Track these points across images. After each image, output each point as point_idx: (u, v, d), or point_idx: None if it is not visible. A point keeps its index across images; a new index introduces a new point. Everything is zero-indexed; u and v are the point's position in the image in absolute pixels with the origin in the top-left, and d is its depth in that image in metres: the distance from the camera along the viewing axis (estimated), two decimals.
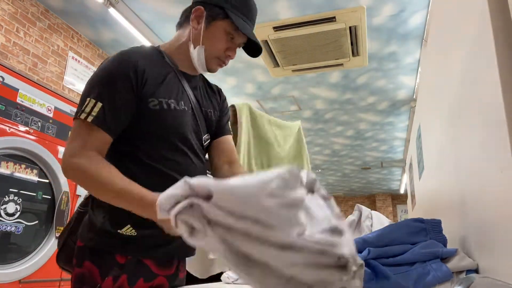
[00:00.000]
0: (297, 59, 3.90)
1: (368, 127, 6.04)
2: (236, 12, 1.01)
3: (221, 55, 1.05)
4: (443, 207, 1.19)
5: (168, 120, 0.97)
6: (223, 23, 1.01)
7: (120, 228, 0.93)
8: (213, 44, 1.02)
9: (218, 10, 1.00)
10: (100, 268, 0.92)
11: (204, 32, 1.01)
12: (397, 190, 11.22)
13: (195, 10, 1.02)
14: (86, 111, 0.89)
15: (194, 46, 1.02)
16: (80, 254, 0.95)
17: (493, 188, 0.65)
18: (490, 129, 0.65)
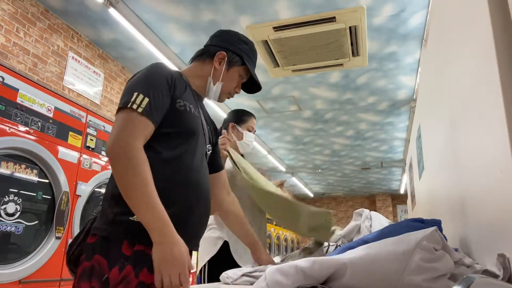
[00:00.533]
0: (297, 59, 3.90)
1: (368, 127, 6.04)
2: (249, 61, 1.31)
3: (232, 91, 1.33)
4: (443, 207, 1.19)
5: (188, 121, 1.14)
6: (239, 69, 1.30)
7: (131, 215, 1.00)
8: (229, 83, 1.29)
9: (237, 58, 1.28)
10: (108, 260, 0.99)
11: (224, 73, 1.27)
12: (397, 190, 11.21)
13: (219, 53, 1.26)
14: (136, 103, 1.02)
15: (213, 81, 1.27)
16: (91, 249, 1.02)
17: (493, 188, 0.64)
18: (490, 129, 0.65)
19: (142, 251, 1.00)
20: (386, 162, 8.07)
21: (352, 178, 9.76)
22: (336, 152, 7.42)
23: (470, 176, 0.81)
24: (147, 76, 1.09)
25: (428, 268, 0.50)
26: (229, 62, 1.27)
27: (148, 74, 1.10)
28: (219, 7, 3.18)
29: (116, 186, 1.01)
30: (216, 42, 1.31)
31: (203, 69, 1.28)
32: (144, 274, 0.99)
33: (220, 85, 1.27)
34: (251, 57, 1.33)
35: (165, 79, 1.10)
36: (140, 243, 1.00)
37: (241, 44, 1.31)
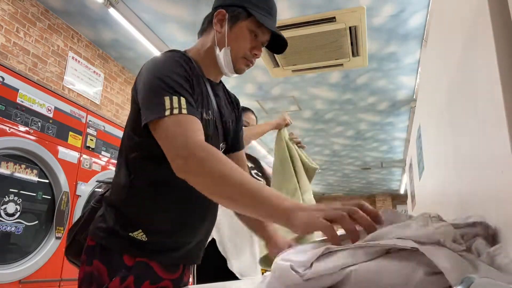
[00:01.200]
0: (297, 59, 3.90)
1: (368, 127, 6.04)
2: (257, 9, 1.02)
3: (248, 54, 1.05)
4: (443, 207, 1.19)
5: None
6: (246, 22, 1.02)
7: (131, 232, 0.95)
8: (238, 44, 1.03)
9: (240, 10, 1.02)
10: (108, 268, 0.93)
11: (228, 34, 1.02)
12: (397, 190, 11.22)
13: (217, 13, 1.04)
14: (176, 107, 0.85)
15: (219, 48, 1.04)
16: (90, 253, 0.97)
17: (493, 189, 0.64)
18: (490, 129, 0.65)
19: (144, 262, 0.96)
20: (386, 162, 8.07)
21: (352, 178, 9.76)
22: (336, 152, 7.42)
23: (470, 176, 0.81)
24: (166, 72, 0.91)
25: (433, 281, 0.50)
26: (231, 19, 1.02)
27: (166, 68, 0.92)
28: None
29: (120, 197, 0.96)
30: (215, 4, 1.10)
31: (206, 40, 1.07)
32: (146, 286, 0.95)
33: (227, 50, 1.02)
34: (260, 4, 1.03)
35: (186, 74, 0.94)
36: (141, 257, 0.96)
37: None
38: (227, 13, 1.03)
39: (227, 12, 1.03)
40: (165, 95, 0.86)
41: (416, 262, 0.52)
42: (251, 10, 1.01)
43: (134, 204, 0.97)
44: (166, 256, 1.00)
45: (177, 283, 1.04)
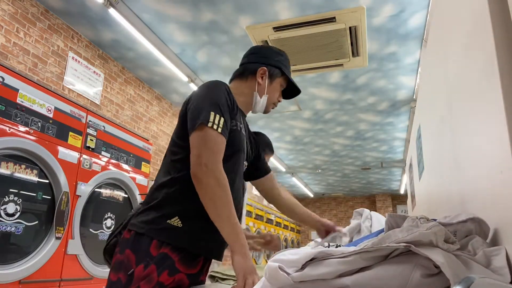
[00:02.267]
0: (297, 60, 3.90)
1: (368, 128, 6.04)
2: (286, 70, 1.38)
3: (276, 101, 1.40)
4: (443, 208, 1.18)
5: (238, 139, 1.23)
6: (280, 79, 1.37)
7: (169, 219, 1.12)
8: (273, 94, 1.37)
9: (277, 70, 1.36)
10: (136, 256, 1.09)
11: (268, 86, 1.35)
12: (397, 190, 11.21)
13: (260, 69, 1.34)
14: (216, 123, 1.11)
15: (259, 95, 1.35)
16: (124, 243, 1.13)
17: (493, 189, 0.64)
18: (490, 129, 0.65)
19: (166, 254, 1.10)
20: (386, 162, 8.07)
21: (352, 178, 9.76)
22: (336, 152, 7.42)
23: (470, 177, 0.81)
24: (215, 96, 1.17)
25: (430, 283, 0.50)
26: (270, 76, 1.35)
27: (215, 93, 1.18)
28: (219, 7, 3.18)
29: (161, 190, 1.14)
30: (254, 59, 1.39)
31: (247, 86, 1.35)
32: (164, 276, 1.08)
33: (265, 98, 1.35)
34: (287, 66, 1.41)
35: (226, 100, 1.19)
36: (167, 245, 1.10)
37: (277, 57, 1.39)
38: (267, 71, 1.35)
39: (267, 70, 1.35)
40: (212, 111, 1.12)
41: (413, 265, 0.52)
42: (284, 72, 1.37)
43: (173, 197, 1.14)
44: (193, 244, 1.14)
45: (193, 278, 1.17)
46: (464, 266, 0.53)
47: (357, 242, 0.93)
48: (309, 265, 0.58)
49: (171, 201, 1.14)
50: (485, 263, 0.55)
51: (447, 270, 0.47)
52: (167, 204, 1.14)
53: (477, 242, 0.61)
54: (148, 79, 4.62)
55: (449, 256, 0.52)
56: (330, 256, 0.58)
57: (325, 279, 0.56)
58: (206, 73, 4.35)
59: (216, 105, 1.14)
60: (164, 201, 1.14)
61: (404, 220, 0.66)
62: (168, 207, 1.13)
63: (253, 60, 1.38)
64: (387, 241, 0.57)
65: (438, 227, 0.55)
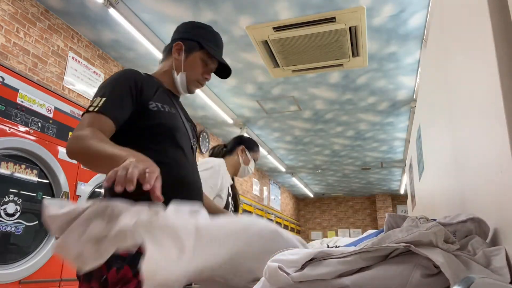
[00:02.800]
0: (297, 60, 3.90)
1: (368, 128, 6.04)
2: (208, 43, 1.30)
3: (200, 78, 1.32)
4: (443, 208, 1.19)
5: (165, 119, 1.18)
6: (199, 53, 1.29)
7: None
8: (193, 71, 1.30)
9: (194, 43, 1.29)
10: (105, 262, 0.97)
11: (184, 61, 1.29)
12: (397, 190, 11.21)
13: (175, 44, 1.29)
14: (93, 106, 1.08)
15: (177, 72, 1.29)
16: None
17: (493, 189, 0.64)
18: (490, 129, 0.65)
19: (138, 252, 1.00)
20: (386, 163, 8.07)
21: (352, 178, 9.76)
22: (336, 152, 7.42)
23: (470, 177, 0.81)
24: (110, 81, 1.15)
25: (430, 283, 0.50)
26: (187, 50, 1.28)
27: (110, 79, 1.17)
28: (219, 7, 3.18)
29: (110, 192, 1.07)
30: (174, 36, 1.34)
31: (166, 65, 1.31)
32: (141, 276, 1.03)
33: (183, 75, 1.28)
34: (210, 39, 1.32)
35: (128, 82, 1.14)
36: None
37: (197, 30, 1.32)
38: (183, 45, 1.29)
39: (183, 44, 1.29)
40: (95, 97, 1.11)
41: (413, 265, 0.52)
42: (203, 45, 1.29)
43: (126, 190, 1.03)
44: None
45: None
46: (464, 266, 0.53)
47: (357, 242, 0.94)
48: (308, 265, 0.58)
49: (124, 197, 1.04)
50: (485, 263, 0.55)
51: (447, 270, 0.47)
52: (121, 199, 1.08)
53: (477, 242, 0.61)
54: None
55: (449, 256, 0.52)
56: (330, 256, 0.58)
57: (325, 279, 0.56)
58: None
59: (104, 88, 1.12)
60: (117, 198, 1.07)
61: (404, 220, 0.66)
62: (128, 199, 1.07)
63: (173, 37, 1.34)
64: (387, 241, 0.57)
65: (438, 227, 0.55)
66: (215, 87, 4.70)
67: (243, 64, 4.11)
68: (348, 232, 12.10)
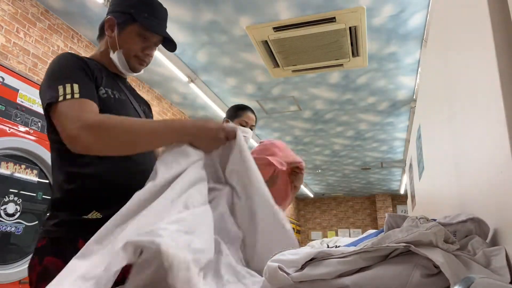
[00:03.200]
0: (297, 60, 3.90)
1: (368, 128, 6.04)
2: (143, 14, 1.14)
3: (140, 55, 1.17)
4: (443, 208, 1.18)
5: (115, 106, 1.08)
6: (133, 27, 1.14)
7: (86, 214, 1.00)
8: (129, 47, 1.15)
9: (127, 16, 1.13)
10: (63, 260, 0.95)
11: (118, 38, 1.14)
12: (397, 190, 11.21)
13: (107, 20, 1.16)
14: (68, 93, 0.96)
15: (112, 51, 1.16)
16: (41, 252, 0.99)
17: (493, 189, 0.64)
18: (490, 129, 0.65)
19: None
20: (386, 163, 8.07)
21: (352, 178, 9.76)
22: (336, 152, 7.42)
23: (470, 177, 0.81)
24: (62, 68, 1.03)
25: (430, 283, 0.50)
26: (119, 25, 1.14)
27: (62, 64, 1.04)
28: (219, 7, 3.18)
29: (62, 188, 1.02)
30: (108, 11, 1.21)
31: (101, 44, 1.19)
32: None
33: (120, 52, 1.15)
34: (146, 10, 1.15)
35: (81, 66, 1.05)
36: None
37: (127, 1, 1.16)
38: (115, 20, 1.14)
39: (115, 19, 1.14)
40: (59, 85, 0.97)
41: (413, 265, 0.52)
42: (136, 16, 1.13)
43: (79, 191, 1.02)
44: None
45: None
46: (464, 266, 0.53)
47: (357, 242, 0.93)
48: (308, 265, 0.58)
49: (78, 197, 1.02)
50: (485, 263, 0.55)
51: (447, 270, 0.47)
52: (75, 199, 1.01)
53: (477, 242, 0.61)
54: (148, 79, 4.62)
55: (449, 256, 0.52)
56: (329, 256, 0.58)
57: (325, 279, 0.56)
58: (206, 73, 4.35)
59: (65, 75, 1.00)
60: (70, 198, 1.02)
61: (404, 220, 0.66)
62: (78, 203, 1.01)
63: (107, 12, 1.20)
64: (387, 241, 0.57)
65: (438, 227, 0.55)
66: (215, 87, 4.70)
67: (243, 64, 4.11)
68: (348, 232, 12.10)
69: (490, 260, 0.56)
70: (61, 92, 0.96)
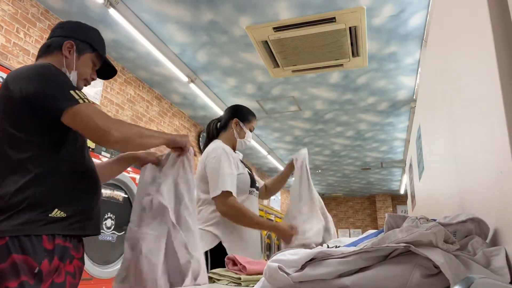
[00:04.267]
0: (297, 60, 3.90)
1: (368, 128, 6.04)
2: (99, 46, 1.37)
3: (88, 78, 1.37)
4: (443, 208, 1.18)
5: None
6: (91, 55, 1.35)
7: (50, 213, 1.11)
8: (83, 70, 1.33)
9: (87, 45, 1.33)
10: (31, 255, 1.04)
11: (76, 61, 1.31)
12: (397, 190, 11.21)
13: (66, 43, 1.30)
14: (82, 97, 1.14)
15: (69, 71, 1.31)
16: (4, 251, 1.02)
17: (493, 189, 0.64)
18: (490, 129, 0.65)
19: (59, 244, 1.12)
20: (386, 163, 8.07)
21: (352, 178, 9.76)
22: (336, 152, 7.42)
23: (470, 177, 0.81)
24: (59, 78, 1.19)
25: (430, 283, 0.50)
26: (79, 50, 1.31)
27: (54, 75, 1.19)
28: (219, 7, 3.18)
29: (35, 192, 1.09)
30: (61, 33, 1.33)
31: (54, 61, 1.30)
32: (67, 265, 1.14)
33: (75, 73, 1.31)
34: (100, 42, 1.39)
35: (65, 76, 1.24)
36: (58, 237, 1.11)
37: (87, 32, 1.36)
38: (74, 45, 1.31)
39: (75, 44, 1.31)
40: (70, 90, 1.14)
41: (413, 265, 0.52)
42: (96, 46, 1.36)
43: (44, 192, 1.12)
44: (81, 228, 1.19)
45: (82, 261, 1.24)
46: (463, 266, 0.53)
47: (357, 242, 0.93)
48: (308, 265, 0.58)
49: (44, 197, 1.11)
50: (485, 263, 0.55)
51: (447, 270, 0.47)
52: (41, 200, 1.10)
53: (477, 242, 0.61)
54: (148, 79, 4.62)
55: (449, 256, 0.52)
56: (329, 256, 0.58)
57: (325, 279, 0.56)
58: (206, 73, 4.35)
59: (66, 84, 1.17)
60: (36, 199, 1.10)
61: (404, 220, 0.66)
62: (44, 202, 1.11)
63: (59, 34, 1.33)
64: (387, 241, 0.57)
65: (438, 227, 0.55)
66: (215, 87, 4.70)
67: (243, 64, 4.11)
68: (348, 232, 12.10)
69: (490, 260, 0.56)
70: (77, 97, 1.13)
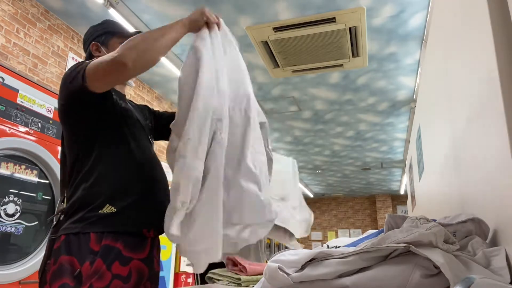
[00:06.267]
0: (297, 60, 3.90)
1: (368, 128, 6.04)
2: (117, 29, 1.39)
3: None
4: (443, 208, 1.18)
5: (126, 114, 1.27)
6: (115, 39, 1.34)
7: (101, 209, 1.08)
8: None
9: (106, 35, 1.35)
10: (77, 257, 1.03)
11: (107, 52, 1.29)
12: (397, 191, 11.21)
13: (91, 46, 1.35)
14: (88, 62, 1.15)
15: None
16: (57, 253, 1.06)
17: (493, 189, 0.64)
18: (489, 129, 0.65)
19: (108, 245, 1.06)
20: (386, 163, 8.07)
21: (352, 178, 9.76)
22: (336, 152, 7.42)
23: (470, 177, 0.81)
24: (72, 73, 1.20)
25: (430, 283, 0.50)
26: (103, 43, 1.34)
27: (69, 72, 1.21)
28: (219, 7, 3.18)
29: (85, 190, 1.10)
30: (84, 45, 1.41)
31: None
32: (116, 267, 1.05)
33: None
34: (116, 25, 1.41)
35: None
36: (107, 236, 1.06)
37: (98, 28, 1.38)
38: (97, 42, 1.34)
39: (97, 41, 1.34)
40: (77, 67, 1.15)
41: (413, 265, 0.52)
42: (114, 31, 1.37)
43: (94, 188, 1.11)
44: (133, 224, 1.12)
45: (148, 262, 1.14)
46: (464, 267, 0.53)
47: (357, 242, 0.93)
48: (308, 266, 0.58)
49: (94, 193, 1.10)
50: (485, 263, 0.55)
51: (447, 271, 0.47)
52: (91, 197, 1.10)
53: (476, 243, 0.61)
54: (148, 80, 4.62)
55: (449, 257, 0.52)
56: (329, 257, 0.58)
57: (325, 279, 0.56)
58: None
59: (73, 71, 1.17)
60: (87, 196, 1.10)
61: (404, 221, 0.66)
62: (94, 199, 1.09)
63: (85, 48, 1.41)
64: (387, 242, 0.57)
65: (438, 227, 0.55)
66: None
67: None
68: (348, 232, 12.10)
69: (490, 260, 0.56)
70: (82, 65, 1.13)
